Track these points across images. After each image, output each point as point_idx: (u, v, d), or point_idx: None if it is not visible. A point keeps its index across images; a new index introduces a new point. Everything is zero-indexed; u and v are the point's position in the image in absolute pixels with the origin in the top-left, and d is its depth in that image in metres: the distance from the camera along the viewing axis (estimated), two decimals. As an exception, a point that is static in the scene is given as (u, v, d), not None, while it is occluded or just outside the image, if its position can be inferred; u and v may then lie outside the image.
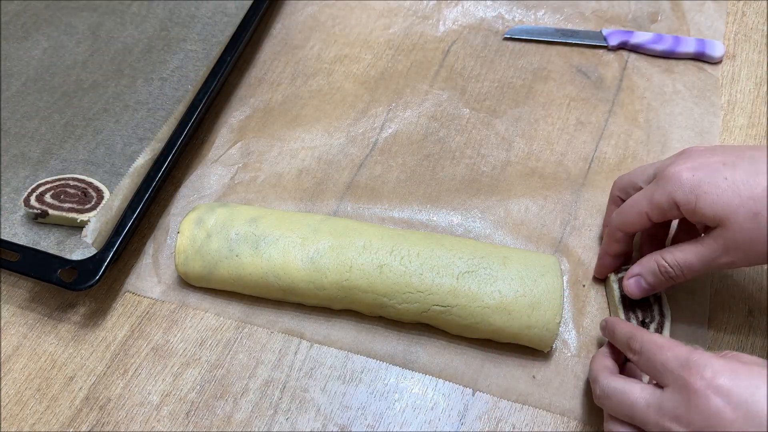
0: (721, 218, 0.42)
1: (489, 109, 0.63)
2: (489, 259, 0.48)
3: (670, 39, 0.65)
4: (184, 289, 0.54)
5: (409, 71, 0.66)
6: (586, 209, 0.56)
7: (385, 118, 0.63)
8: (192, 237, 0.51)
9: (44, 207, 0.55)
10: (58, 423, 0.48)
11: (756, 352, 0.48)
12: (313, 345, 0.50)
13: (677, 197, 0.43)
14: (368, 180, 0.59)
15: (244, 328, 0.52)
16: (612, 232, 0.49)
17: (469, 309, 0.47)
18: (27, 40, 0.71)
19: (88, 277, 0.50)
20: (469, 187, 0.58)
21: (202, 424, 0.47)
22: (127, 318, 0.53)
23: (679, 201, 0.43)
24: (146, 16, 0.72)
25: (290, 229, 0.50)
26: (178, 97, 0.64)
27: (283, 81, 0.67)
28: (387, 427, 0.47)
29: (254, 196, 0.58)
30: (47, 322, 0.53)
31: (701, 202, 0.42)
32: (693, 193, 0.42)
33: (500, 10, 0.70)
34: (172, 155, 0.56)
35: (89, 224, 0.51)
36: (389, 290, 0.48)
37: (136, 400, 0.49)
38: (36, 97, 0.66)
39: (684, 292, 0.51)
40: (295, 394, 0.48)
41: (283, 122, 0.63)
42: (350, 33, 0.70)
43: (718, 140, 0.59)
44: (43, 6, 0.74)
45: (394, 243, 0.49)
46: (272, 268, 0.49)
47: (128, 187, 0.54)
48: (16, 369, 0.51)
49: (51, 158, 0.61)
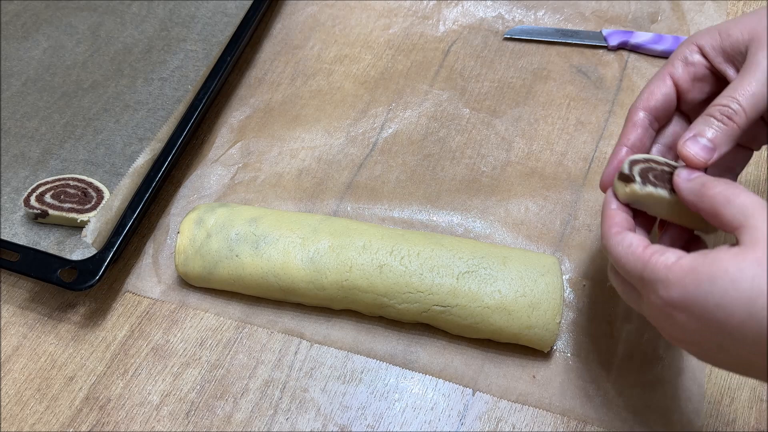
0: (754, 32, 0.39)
1: (489, 109, 0.63)
2: (489, 259, 0.48)
3: (670, 39, 0.65)
4: (184, 289, 0.54)
5: (409, 71, 0.66)
6: (586, 209, 0.56)
7: (385, 118, 0.63)
8: (192, 237, 0.51)
9: (44, 207, 0.55)
10: (58, 423, 0.48)
11: (756, 352, 0.48)
12: (313, 345, 0.50)
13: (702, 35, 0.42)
14: (368, 180, 0.59)
15: (244, 328, 0.52)
16: (631, 114, 0.44)
17: (469, 309, 0.47)
18: (27, 40, 0.71)
19: (88, 277, 0.50)
20: (469, 187, 0.58)
21: (202, 424, 0.47)
22: (127, 318, 0.53)
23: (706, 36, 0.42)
24: (146, 16, 0.72)
25: (290, 229, 0.51)
26: (178, 97, 0.64)
27: (283, 81, 0.67)
28: (387, 427, 0.47)
29: (254, 196, 0.58)
30: (47, 322, 0.53)
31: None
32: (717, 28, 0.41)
33: (500, 10, 0.70)
34: (172, 155, 0.56)
35: (89, 224, 0.51)
36: (389, 290, 0.48)
37: (136, 400, 0.49)
38: (36, 97, 0.66)
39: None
40: (295, 394, 0.48)
41: (283, 122, 0.63)
42: (350, 33, 0.70)
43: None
44: (43, 6, 0.74)
45: (394, 243, 0.49)
46: (272, 268, 0.49)
47: (128, 187, 0.54)
48: (16, 369, 0.51)
49: (51, 158, 0.61)
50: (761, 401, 0.46)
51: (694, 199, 0.37)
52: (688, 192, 0.38)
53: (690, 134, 0.39)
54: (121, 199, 0.54)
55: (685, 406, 0.46)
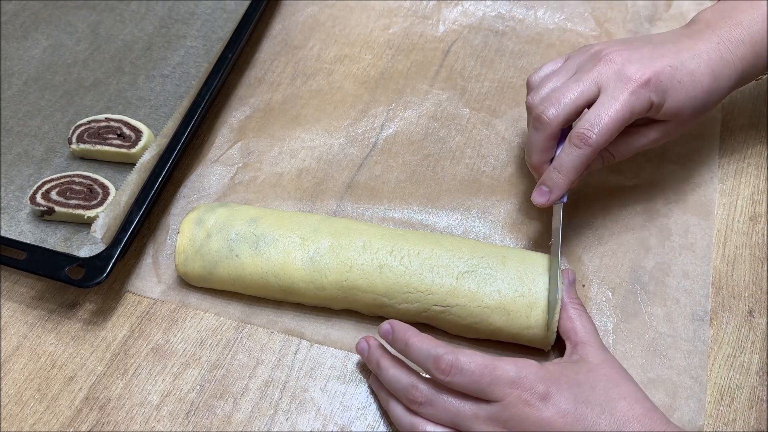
0: None
1: (489, 109, 0.63)
2: (488, 258, 0.48)
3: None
4: (184, 289, 0.54)
5: (409, 71, 0.66)
6: (587, 209, 0.56)
7: (385, 118, 0.63)
8: (192, 237, 0.51)
9: (50, 204, 0.55)
10: (58, 423, 0.48)
11: (756, 352, 0.48)
12: (313, 345, 0.50)
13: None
14: (368, 180, 0.59)
15: (244, 328, 0.52)
16: None
17: (469, 309, 0.47)
18: (27, 40, 0.71)
19: (96, 274, 0.50)
20: (469, 187, 0.58)
21: (202, 424, 0.47)
22: (127, 318, 0.53)
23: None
24: (145, 13, 0.72)
25: (290, 229, 0.51)
26: (181, 94, 0.64)
27: (283, 81, 0.67)
28: (387, 427, 0.47)
29: (254, 196, 0.58)
30: (47, 322, 0.53)
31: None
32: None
33: (500, 10, 0.70)
34: (177, 150, 0.56)
35: (98, 220, 0.51)
36: (389, 290, 0.48)
37: (136, 400, 0.49)
38: (38, 96, 0.66)
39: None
40: (295, 394, 0.48)
41: (283, 122, 0.63)
42: (350, 33, 0.70)
43: (718, 139, 0.59)
44: (41, 5, 0.73)
45: (394, 243, 0.49)
46: (272, 268, 0.49)
47: (135, 183, 0.54)
48: (16, 369, 0.51)
49: (55, 156, 0.61)
50: (761, 401, 0.46)
51: None
52: None
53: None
54: (128, 194, 0.53)
55: (685, 404, 0.46)
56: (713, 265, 0.52)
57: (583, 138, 0.45)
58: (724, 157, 0.58)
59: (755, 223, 0.54)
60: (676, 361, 0.48)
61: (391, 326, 0.45)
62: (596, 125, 0.45)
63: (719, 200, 0.56)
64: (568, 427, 0.39)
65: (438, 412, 0.42)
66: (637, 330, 0.49)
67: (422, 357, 0.42)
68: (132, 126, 0.60)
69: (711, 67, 0.48)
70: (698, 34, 0.49)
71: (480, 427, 0.40)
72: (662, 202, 0.55)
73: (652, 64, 0.46)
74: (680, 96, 0.47)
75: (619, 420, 0.39)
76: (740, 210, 0.55)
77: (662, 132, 0.49)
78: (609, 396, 0.40)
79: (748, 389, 0.47)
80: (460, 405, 0.41)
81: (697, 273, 0.52)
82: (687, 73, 0.47)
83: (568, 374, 0.41)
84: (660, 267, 0.52)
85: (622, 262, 0.53)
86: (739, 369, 0.48)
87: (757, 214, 0.55)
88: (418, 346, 0.43)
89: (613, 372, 0.42)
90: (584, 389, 0.40)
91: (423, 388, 0.42)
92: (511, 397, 0.39)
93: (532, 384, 0.40)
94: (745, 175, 0.57)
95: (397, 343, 0.45)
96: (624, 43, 0.49)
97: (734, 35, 0.48)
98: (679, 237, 0.53)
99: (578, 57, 0.50)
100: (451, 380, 0.41)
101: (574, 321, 0.45)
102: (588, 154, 0.46)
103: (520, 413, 0.39)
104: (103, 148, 0.59)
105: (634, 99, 0.45)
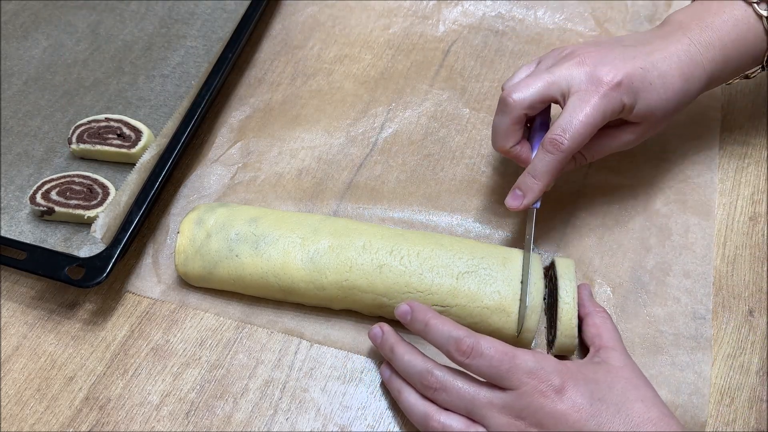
0: None
1: (489, 109, 0.63)
2: (489, 259, 0.48)
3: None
4: (184, 289, 0.54)
5: (409, 71, 0.66)
6: (586, 209, 0.56)
7: (385, 118, 0.63)
8: (192, 237, 0.51)
9: (50, 204, 0.55)
10: (58, 423, 0.48)
11: (756, 352, 0.48)
12: (313, 345, 0.50)
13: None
14: (368, 180, 0.59)
15: (244, 328, 0.52)
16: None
17: (469, 309, 0.47)
18: (26, 40, 0.71)
19: (95, 273, 0.50)
20: (469, 187, 0.58)
21: (202, 424, 0.47)
22: (127, 318, 0.53)
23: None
24: (145, 13, 0.72)
25: (290, 229, 0.51)
26: (181, 94, 0.64)
27: (283, 81, 0.67)
28: (387, 427, 0.47)
29: (254, 196, 0.58)
30: (47, 322, 0.53)
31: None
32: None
33: (500, 10, 0.70)
34: (177, 149, 0.56)
35: (98, 220, 0.51)
36: (389, 290, 0.48)
37: (136, 400, 0.49)
38: (38, 96, 0.66)
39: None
40: (295, 394, 0.48)
41: (283, 122, 0.63)
42: (350, 33, 0.70)
43: (718, 139, 0.59)
44: (41, 5, 0.73)
45: (394, 243, 0.49)
46: (272, 268, 0.49)
47: (135, 183, 0.54)
48: (16, 369, 0.51)
49: (55, 156, 0.61)
50: (761, 401, 0.46)
51: None
52: None
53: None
54: (128, 194, 0.53)
55: (689, 401, 0.46)
56: (713, 265, 0.52)
57: (556, 144, 0.46)
58: (723, 157, 0.58)
59: (755, 223, 0.54)
60: (679, 357, 0.48)
61: (411, 307, 0.45)
62: (568, 131, 0.45)
63: (719, 200, 0.56)
64: (582, 421, 0.39)
65: (452, 398, 0.42)
66: (637, 329, 0.49)
67: (443, 338, 0.42)
68: (132, 126, 0.60)
69: (682, 69, 0.48)
70: (670, 35, 0.49)
71: (494, 414, 0.40)
72: (662, 202, 0.55)
73: (623, 66, 0.46)
74: (652, 98, 0.47)
75: (634, 421, 0.39)
76: (740, 210, 0.55)
77: (634, 134, 0.49)
78: (626, 397, 0.40)
79: (748, 389, 0.47)
80: (476, 391, 0.41)
81: (698, 272, 0.52)
82: (658, 75, 0.47)
83: (586, 372, 0.41)
84: (660, 267, 0.52)
85: (622, 261, 0.53)
86: (739, 369, 0.48)
87: (757, 214, 0.55)
88: (439, 327, 0.43)
89: (633, 376, 0.42)
90: (601, 387, 0.40)
91: (438, 374, 0.42)
92: (528, 386, 0.40)
93: (549, 376, 0.40)
94: (745, 175, 0.57)
95: (416, 323, 0.44)
96: (596, 45, 0.49)
97: (704, 37, 0.49)
98: (680, 237, 0.53)
99: (550, 59, 0.50)
100: (471, 362, 0.41)
101: (599, 327, 0.46)
102: (561, 159, 0.46)
103: (535, 403, 0.39)
104: (103, 148, 0.59)
105: (605, 102, 0.45)
